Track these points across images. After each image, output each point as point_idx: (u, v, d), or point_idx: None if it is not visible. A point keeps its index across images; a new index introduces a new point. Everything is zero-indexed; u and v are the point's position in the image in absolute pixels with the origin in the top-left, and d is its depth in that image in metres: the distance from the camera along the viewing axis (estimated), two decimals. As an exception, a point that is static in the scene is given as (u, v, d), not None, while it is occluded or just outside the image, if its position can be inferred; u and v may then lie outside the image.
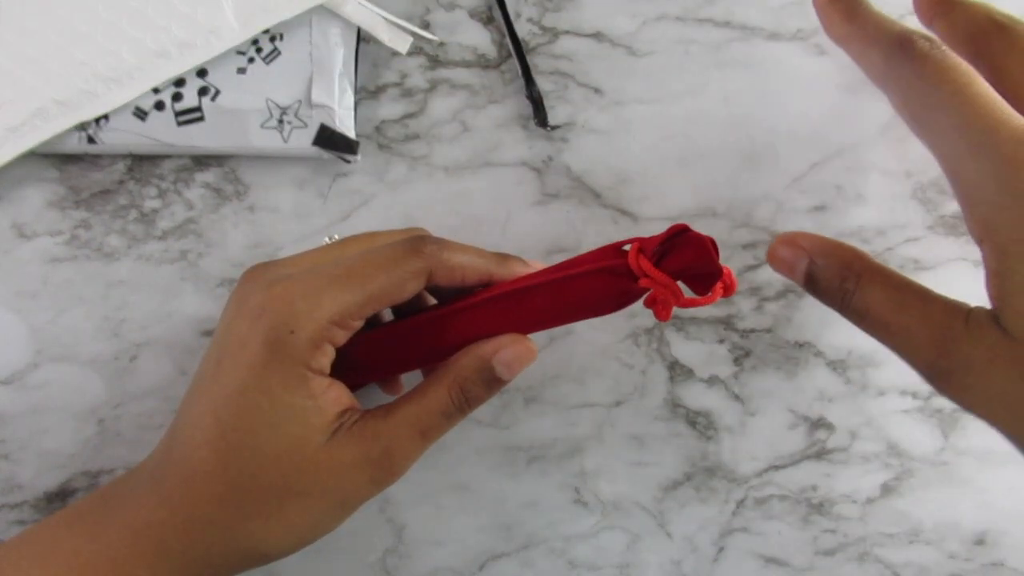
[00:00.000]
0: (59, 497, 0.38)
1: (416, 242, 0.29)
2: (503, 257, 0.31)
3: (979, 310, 0.26)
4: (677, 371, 0.39)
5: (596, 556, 0.39)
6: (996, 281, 0.25)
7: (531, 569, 0.39)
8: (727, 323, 0.39)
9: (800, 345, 0.39)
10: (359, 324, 0.29)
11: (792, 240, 0.29)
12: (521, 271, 0.31)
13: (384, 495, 0.39)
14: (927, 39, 0.28)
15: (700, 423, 0.39)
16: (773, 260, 0.30)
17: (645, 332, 0.39)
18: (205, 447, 0.28)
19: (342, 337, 0.28)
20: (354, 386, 0.31)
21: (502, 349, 0.29)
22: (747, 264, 0.39)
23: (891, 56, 0.28)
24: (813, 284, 0.29)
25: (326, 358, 0.28)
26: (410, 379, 0.37)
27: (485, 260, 0.30)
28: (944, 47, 0.27)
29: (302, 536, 0.29)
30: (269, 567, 0.38)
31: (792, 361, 0.39)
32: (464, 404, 0.30)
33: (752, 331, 0.39)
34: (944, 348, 0.26)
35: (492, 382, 0.30)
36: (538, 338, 0.39)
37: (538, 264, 0.32)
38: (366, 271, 0.28)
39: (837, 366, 0.39)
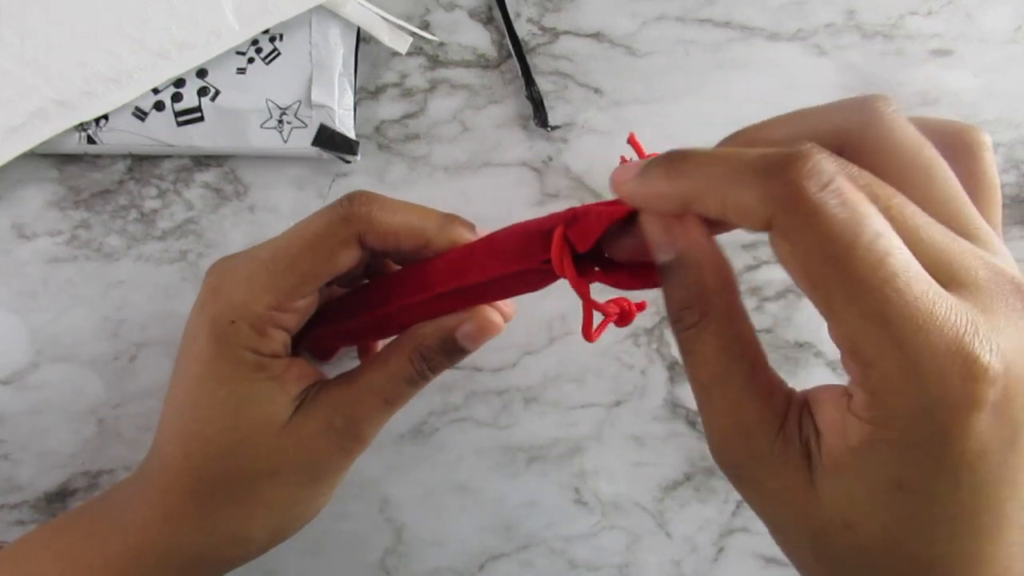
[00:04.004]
0: (59, 497, 0.38)
1: (344, 206, 0.28)
2: (446, 220, 0.29)
3: (791, 425, 0.21)
4: (677, 371, 0.39)
5: (596, 556, 0.39)
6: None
7: (531, 569, 0.39)
8: (727, 323, 0.39)
9: (800, 345, 0.39)
10: (306, 303, 0.29)
11: (670, 226, 0.21)
12: (464, 239, 0.29)
13: (384, 495, 0.39)
14: (807, 156, 0.19)
15: (700, 423, 0.39)
16: (644, 223, 0.22)
17: (645, 332, 0.39)
18: (173, 441, 0.29)
19: (290, 320, 0.28)
20: (334, 349, 0.32)
21: (466, 322, 0.28)
22: (747, 264, 0.39)
23: (771, 196, 0.19)
24: (664, 278, 0.22)
25: (276, 342, 0.28)
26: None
27: (423, 222, 0.28)
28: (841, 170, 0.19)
29: (283, 517, 0.29)
30: (270, 568, 0.38)
31: (792, 361, 0.39)
32: (426, 372, 0.29)
33: (752, 331, 0.39)
34: (741, 455, 0.22)
35: (455, 352, 0.29)
36: (538, 338, 0.39)
37: (485, 232, 0.30)
38: (292, 252, 0.28)
39: (837, 366, 0.39)
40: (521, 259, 0.26)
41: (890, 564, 0.20)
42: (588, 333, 0.26)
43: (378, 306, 0.30)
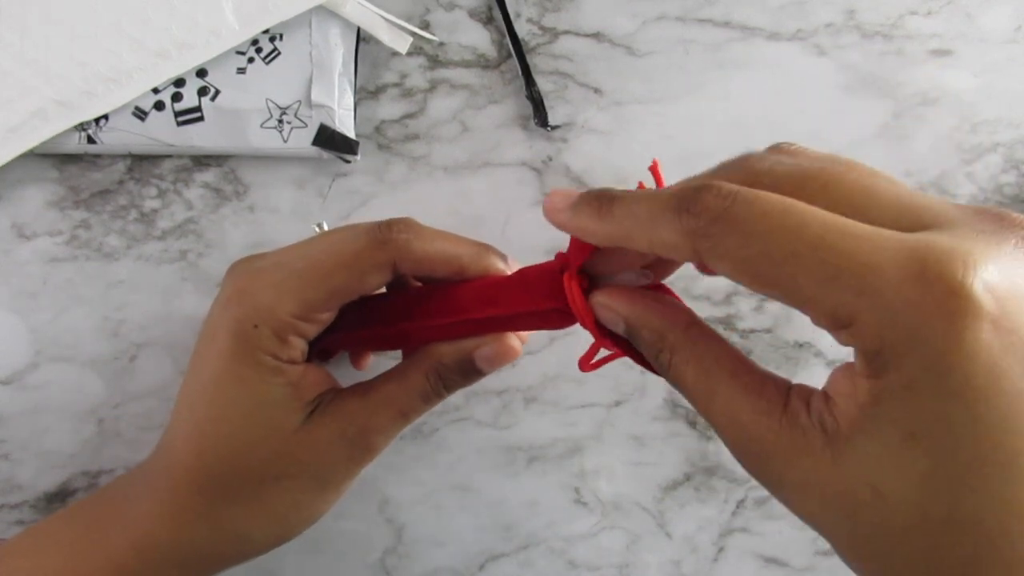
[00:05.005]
0: (59, 497, 0.38)
1: (383, 231, 0.28)
2: (481, 250, 0.30)
3: (796, 409, 0.21)
4: (677, 371, 0.39)
5: (596, 556, 0.39)
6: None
7: (531, 569, 0.39)
8: (727, 323, 0.39)
9: (800, 345, 0.39)
10: (328, 316, 0.29)
11: (608, 303, 0.25)
12: (498, 269, 0.30)
13: (384, 495, 0.39)
14: (711, 186, 0.20)
15: (700, 423, 0.39)
16: (599, 318, 0.26)
17: (645, 332, 0.39)
18: (183, 438, 0.29)
19: (310, 330, 0.29)
20: (333, 351, 0.32)
21: (485, 346, 0.29)
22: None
23: (688, 229, 0.20)
24: (633, 342, 0.25)
25: (295, 350, 0.28)
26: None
27: (459, 250, 0.29)
28: (734, 187, 0.20)
29: (287, 520, 0.30)
30: (270, 567, 0.38)
31: (792, 361, 0.39)
32: (441, 389, 0.30)
33: (752, 331, 0.39)
34: (753, 455, 0.22)
35: (472, 373, 0.30)
36: (538, 337, 0.39)
37: (516, 265, 0.31)
38: (326, 265, 0.28)
39: (837, 366, 0.39)
40: (551, 297, 0.27)
41: (928, 531, 0.19)
42: (584, 362, 0.27)
43: (399, 321, 0.30)
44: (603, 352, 0.27)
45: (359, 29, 0.38)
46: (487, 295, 0.29)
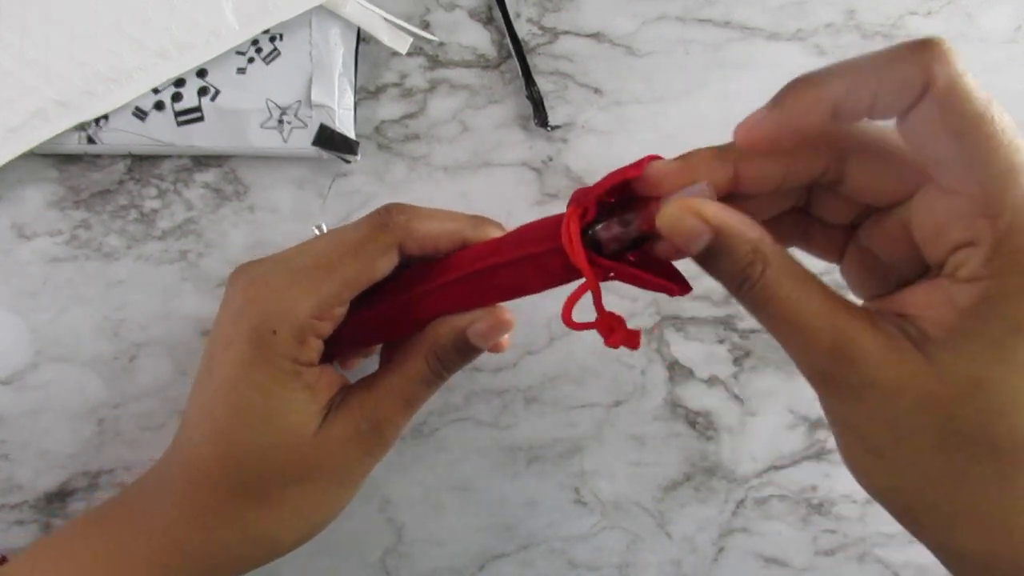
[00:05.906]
0: (59, 497, 0.38)
1: (382, 215, 0.29)
2: (478, 220, 0.30)
3: (881, 318, 0.23)
4: (677, 371, 0.39)
5: (596, 556, 0.39)
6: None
7: (531, 569, 0.39)
8: (727, 323, 0.39)
9: (800, 345, 0.39)
10: (342, 311, 0.29)
11: (698, 211, 0.24)
12: (495, 236, 0.30)
13: (384, 495, 0.39)
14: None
15: (700, 423, 0.39)
16: (671, 227, 0.24)
17: (645, 332, 0.39)
18: (204, 445, 0.29)
19: (327, 328, 0.29)
20: (336, 354, 0.32)
21: (477, 321, 0.29)
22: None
23: (928, 57, 0.21)
24: (711, 260, 0.24)
25: (313, 351, 0.29)
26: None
27: (458, 224, 0.30)
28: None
29: (311, 519, 0.30)
30: (270, 567, 0.38)
31: (792, 361, 0.39)
32: (442, 371, 0.30)
33: (752, 331, 0.39)
34: (846, 359, 0.23)
35: (468, 351, 0.30)
36: (538, 338, 0.39)
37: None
38: (333, 258, 0.28)
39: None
40: (542, 241, 0.27)
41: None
42: (567, 312, 0.27)
43: (398, 293, 0.30)
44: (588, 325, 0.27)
45: (359, 29, 0.38)
46: (488, 249, 0.29)
